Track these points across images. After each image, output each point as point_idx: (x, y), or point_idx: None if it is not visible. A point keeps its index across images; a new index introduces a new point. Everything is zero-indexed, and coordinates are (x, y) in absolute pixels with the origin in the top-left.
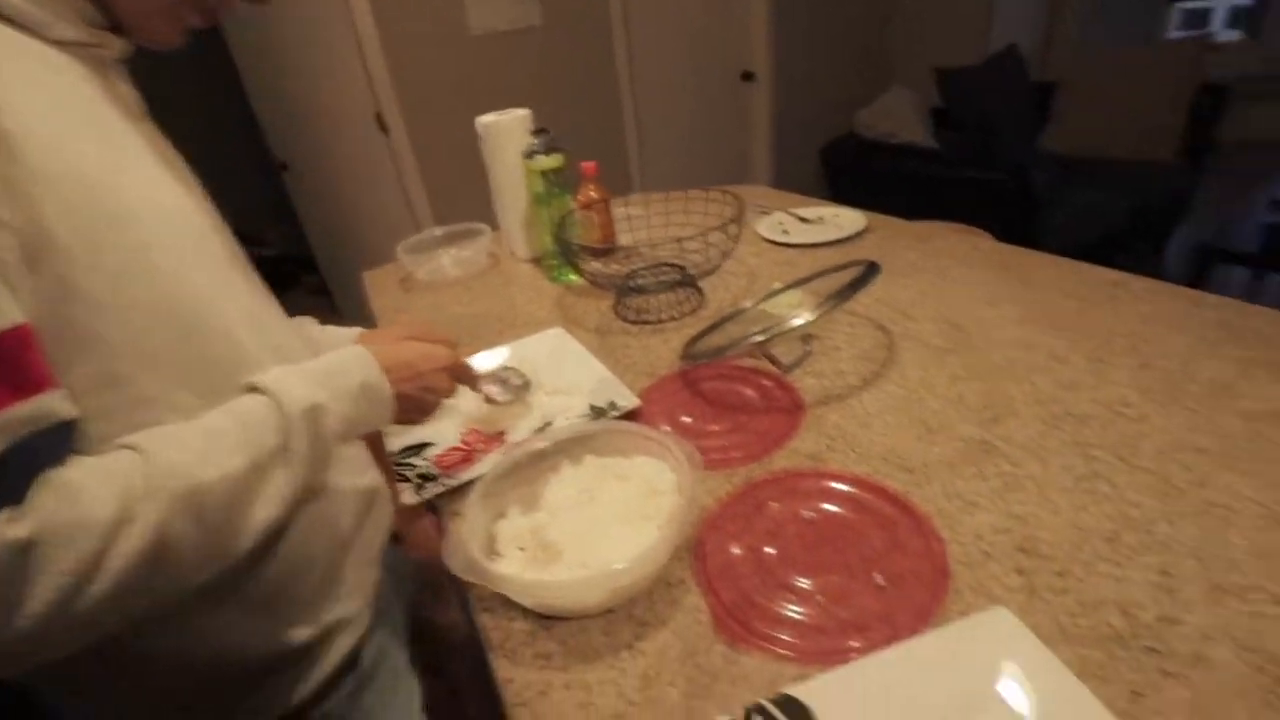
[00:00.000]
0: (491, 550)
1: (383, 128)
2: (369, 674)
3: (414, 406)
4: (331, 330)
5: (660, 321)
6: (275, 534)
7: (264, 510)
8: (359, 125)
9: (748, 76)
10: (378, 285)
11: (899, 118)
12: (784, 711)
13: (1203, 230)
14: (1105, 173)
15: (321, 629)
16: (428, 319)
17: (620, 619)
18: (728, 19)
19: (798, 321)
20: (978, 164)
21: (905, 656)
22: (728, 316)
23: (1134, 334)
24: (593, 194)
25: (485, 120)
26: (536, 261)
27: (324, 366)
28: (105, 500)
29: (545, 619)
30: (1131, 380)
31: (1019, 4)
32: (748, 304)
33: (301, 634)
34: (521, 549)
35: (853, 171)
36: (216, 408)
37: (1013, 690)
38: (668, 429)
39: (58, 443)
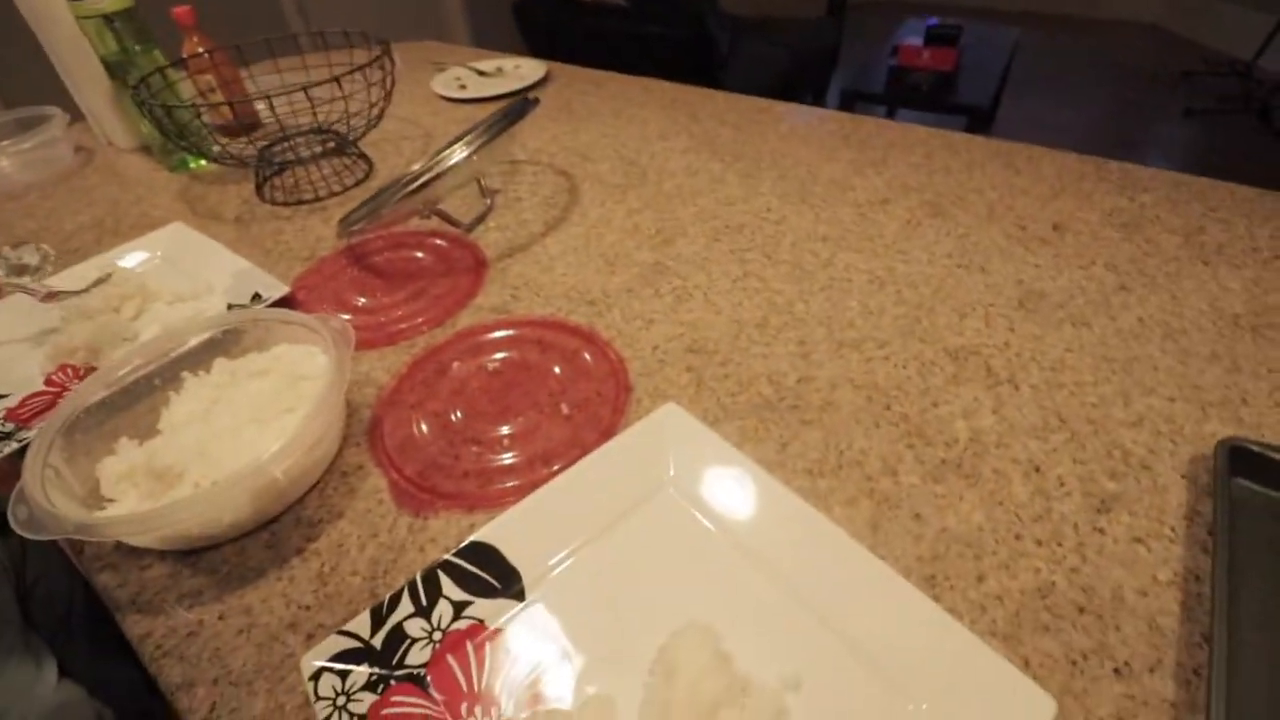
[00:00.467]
0: (96, 498)
1: None
2: None
3: None
4: None
5: (319, 199)
6: None
7: None
8: None
9: None
10: None
11: None
12: (470, 558)
13: (849, 78)
14: (771, 30)
15: None
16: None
17: (287, 526)
18: None
19: (451, 162)
20: (662, 21)
21: (584, 471)
22: (390, 183)
23: (775, 151)
24: (196, 46)
25: None
26: (147, 151)
27: None
28: None
29: (187, 555)
30: (772, 189)
31: None
32: (417, 166)
33: None
34: (135, 485)
35: (546, 30)
36: None
37: (682, 467)
38: (345, 322)
39: None
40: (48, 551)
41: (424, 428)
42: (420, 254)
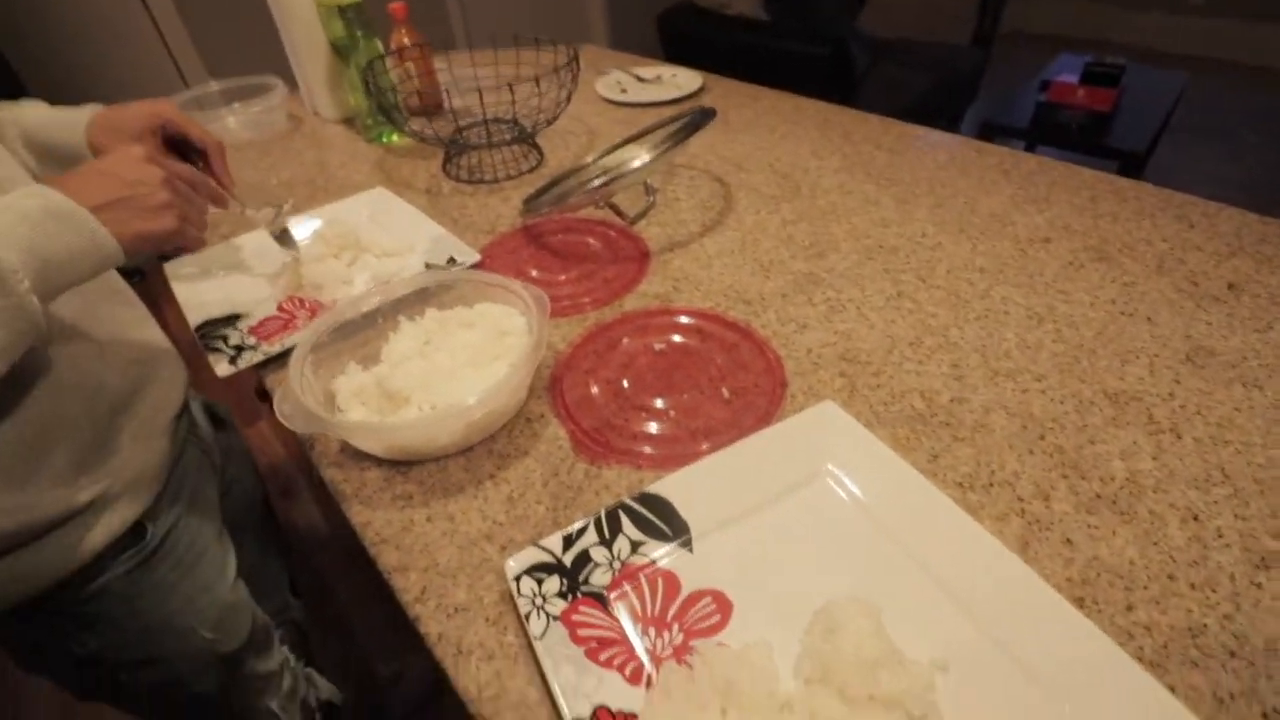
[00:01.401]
0: (332, 407)
1: None
2: (161, 548)
3: (139, 208)
4: (58, 113)
5: (497, 180)
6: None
7: None
8: None
9: None
10: None
11: None
12: (645, 505)
13: (988, 108)
14: (910, 52)
15: (90, 498)
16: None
17: (480, 455)
18: None
19: (636, 164)
20: (803, 38)
21: (749, 447)
22: (568, 172)
23: (931, 178)
24: (406, 40)
25: None
26: (349, 123)
27: None
28: None
29: (399, 465)
30: (929, 216)
31: None
32: (589, 159)
33: (58, 504)
34: (364, 403)
35: (688, 40)
36: None
37: (840, 460)
38: (543, 296)
39: None
40: (243, 456)
41: (597, 391)
42: (590, 240)
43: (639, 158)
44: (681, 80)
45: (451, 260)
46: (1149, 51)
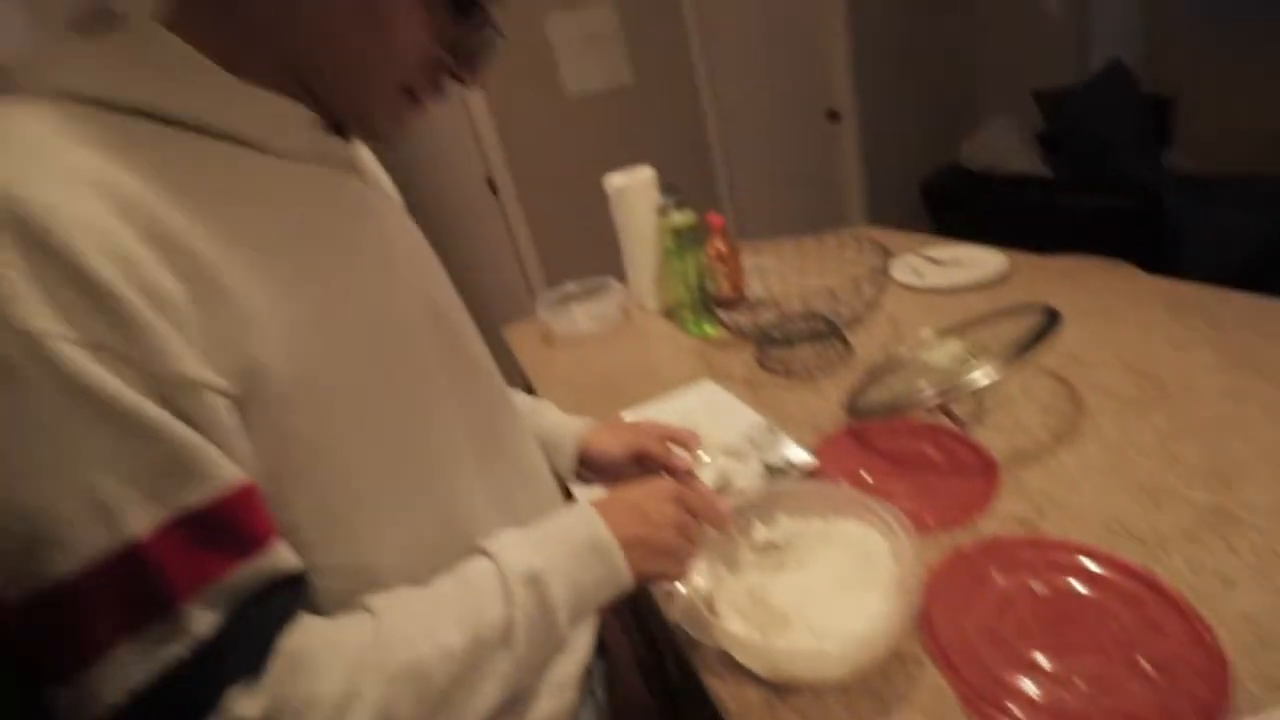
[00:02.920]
0: (710, 611)
1: (493, 189)
2: None
3: (652, 549)
4: (557, 428)
5: (810, 374)
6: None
7: (483, 696)
8: (469, 188)
9: (833, 116)
10: (519, 341)
11: (1004, 147)
12: None
13: None
14: (1244, 190)
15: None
16: (582, 379)
17: (858, 693)
18: (810, 60)
19: (984, 381)
20: (1099, 190)
21: None
22: (884, 368)
23: None
24: (720, 246)
25: (615, 182)
26: (668, 314)
27: (546, 527)
28: (335, 674)
29: (777, 688)
30: None
31: (1114, 17)
32: (903, 353)
33: None
34: (741, 612)
35: (960, 205)
36: (444, 571)
37: None
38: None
39: (289, 599)
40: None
41: (975, 635)
42: (925, 446)
43: (982, 371)
44: (980, 260)
45: (788, 462)
46: None
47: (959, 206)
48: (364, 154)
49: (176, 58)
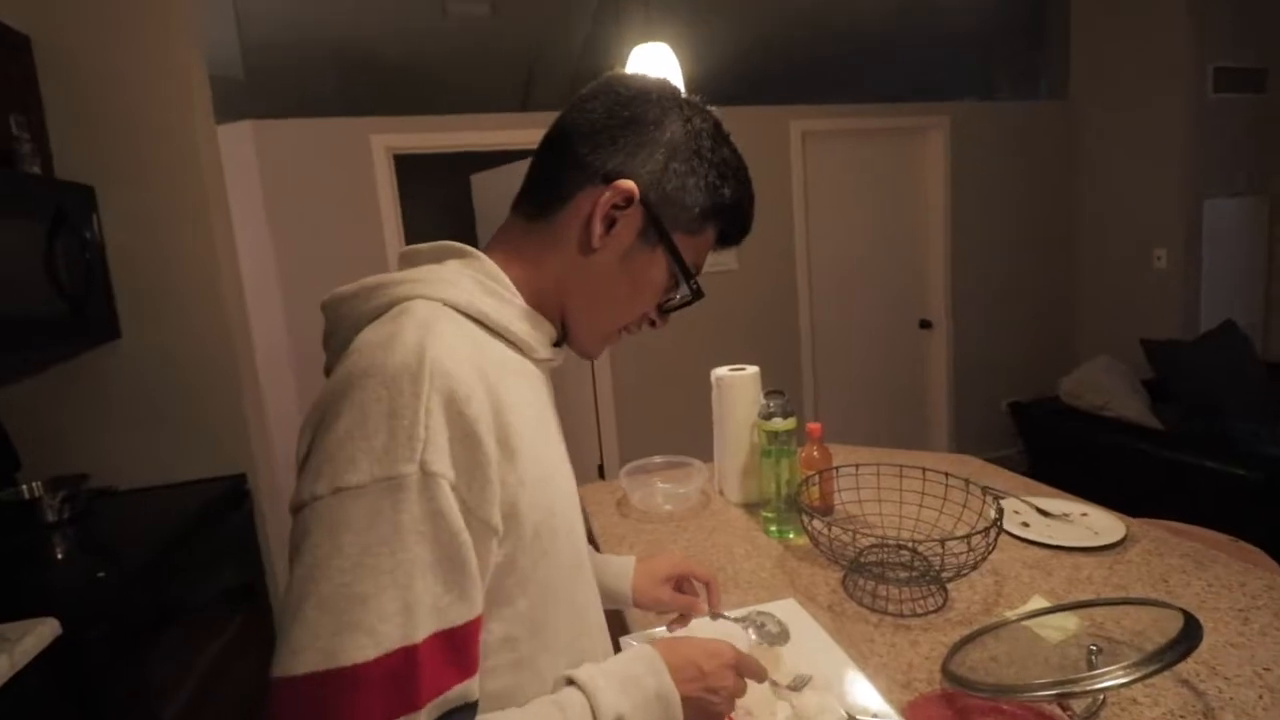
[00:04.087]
0: None
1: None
2: None
3: (706, 712)
4: (609, 558)
5: (901, 615)
6: None
7: None
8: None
9: (925, 325)
10: (594, 503)
11: (1108, 389)
12: None
13: None
14: None
15: None
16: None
17: None
18: (907, 269)
19: (1114, 683)
20: (1214, 452)
21: None
22: (987, 629)
23: None
24: (816, 454)
25: (721, 374)
26: (747, 507)
27: (624, 670)
28: None
29: None
30: None
31: (1227, 281)
32: (1010, 616)
33: None
34: None
35: (1054, 436)
36: (544, 696)
37: None
38: None
39: (467, 718)
40: None
41: None
42: None
43: (1109, 672)
44: (1097, 524)
45: (873, 716)
46: None
47: (1053, 437)
48: None
49: (501, 285)
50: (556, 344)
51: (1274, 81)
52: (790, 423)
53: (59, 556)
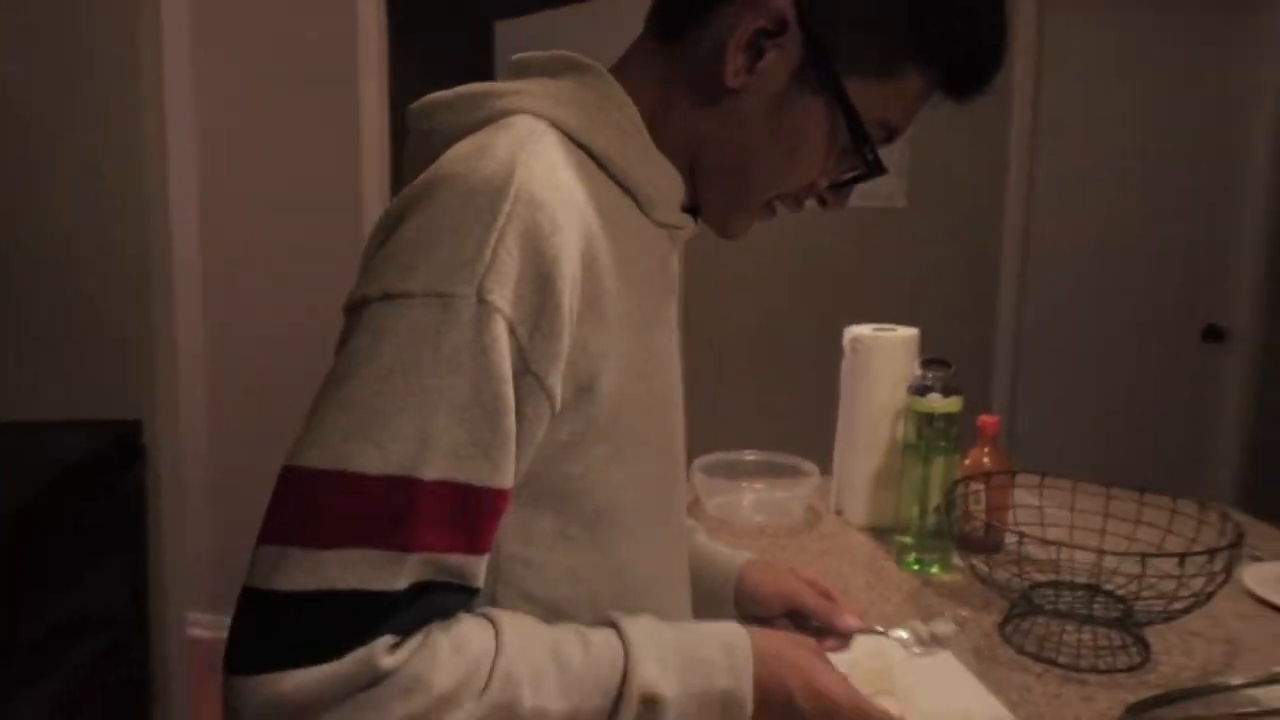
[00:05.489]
0: None
1: None
2: None
3: None
4: (715, 548)
5: (1078, 669)
6: None
7: None
8: None
9: (1213, 334)
10: None
11: None
12: None
13: None
14: None
15: None
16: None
17: None
18: (1193, 237)
19: None
20: None
21: None
22: (1191, 691)
23: None
24: (987, 460)
25: (860, 334)
26: (875, 532)
27: (692, 650)
28: (451, 675)
29: None
30: None
31: None
32: (1230, 683)
33: None
34: None
35: None
36: (579, 626)
37: None
38: None
39: (460, 600)
40: None
41: None
42: None
43: None
44: None
45: None
46: None
47: None
48: None
49: (626, 116)
50: (689, 211)
51: None
52: (954, 403)
53: None
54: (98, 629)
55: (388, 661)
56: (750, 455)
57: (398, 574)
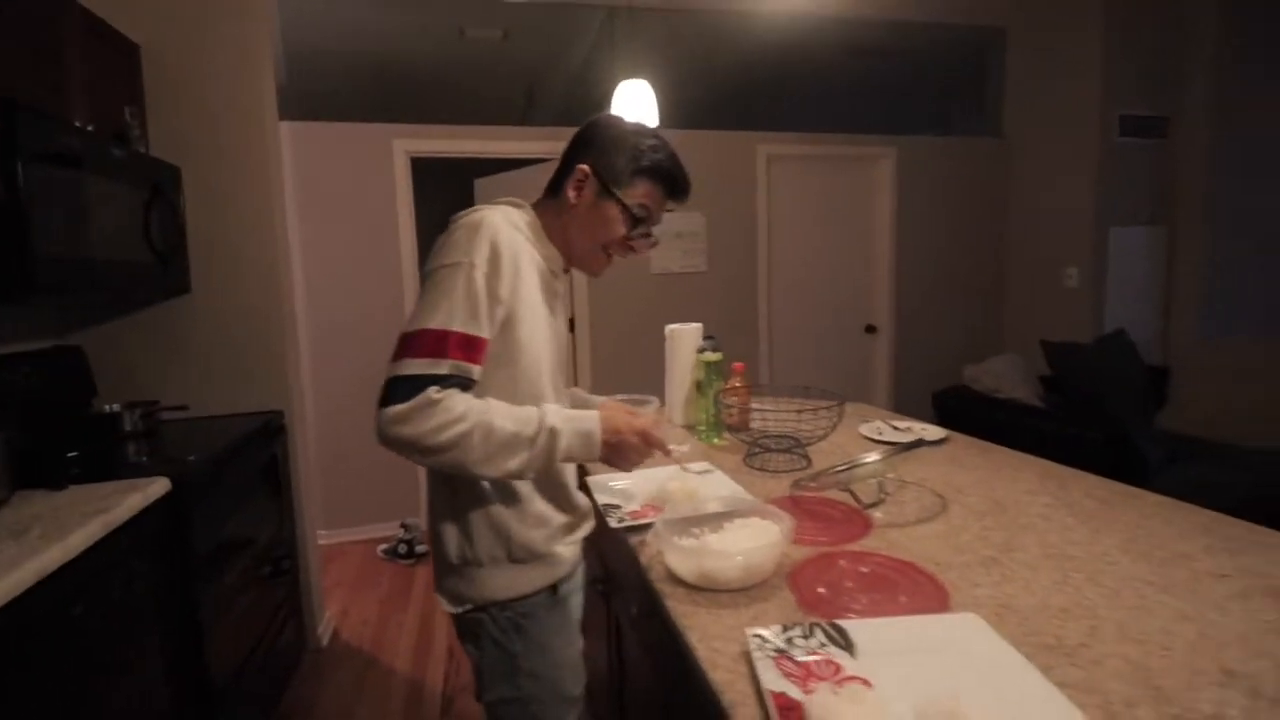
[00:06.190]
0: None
1: (570, 328)
2: (560, 602)
3: (614, 455)
4: (591, 398)
5: (777, 472)
6: (551, 493)
7: (506, 461)
8: None
9: (871, 329)
10: None
11: (1005, 377)
12: (832, 632)
13: None
14: (1214, 450)
15: (548, 552)
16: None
17: (742, 595)
18: (856, 280)
19: (866, 460)
20: (1079, 423)
21: (909, 624)
22: (825, 470)
23: (1133, 523)
24: (738, 384)
25: (673, 327)
26: (689, 428)
27: (575, 414)
28: (462, 405)
29: (698, 590)
30: (1117, 544)
31: (1129, 297)
32: (839, 465)
33: (540, 546)
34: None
35: (961, 417)
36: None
37: (972, 651)
38: (789, 519)
39: (467, 384)
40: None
41: (817, 582)
42: (832, 511)
43: (870, 457)
44: (928, 432)
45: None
46: None
47: (960, 418)
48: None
49: (537, 228)
50: (566, 270)
51: (1173, 128)
52: (719, 355)
53: (144, 454)
54: (260, 540)
55: (435, 395)
56: (621, 396)
57: (439, 366)
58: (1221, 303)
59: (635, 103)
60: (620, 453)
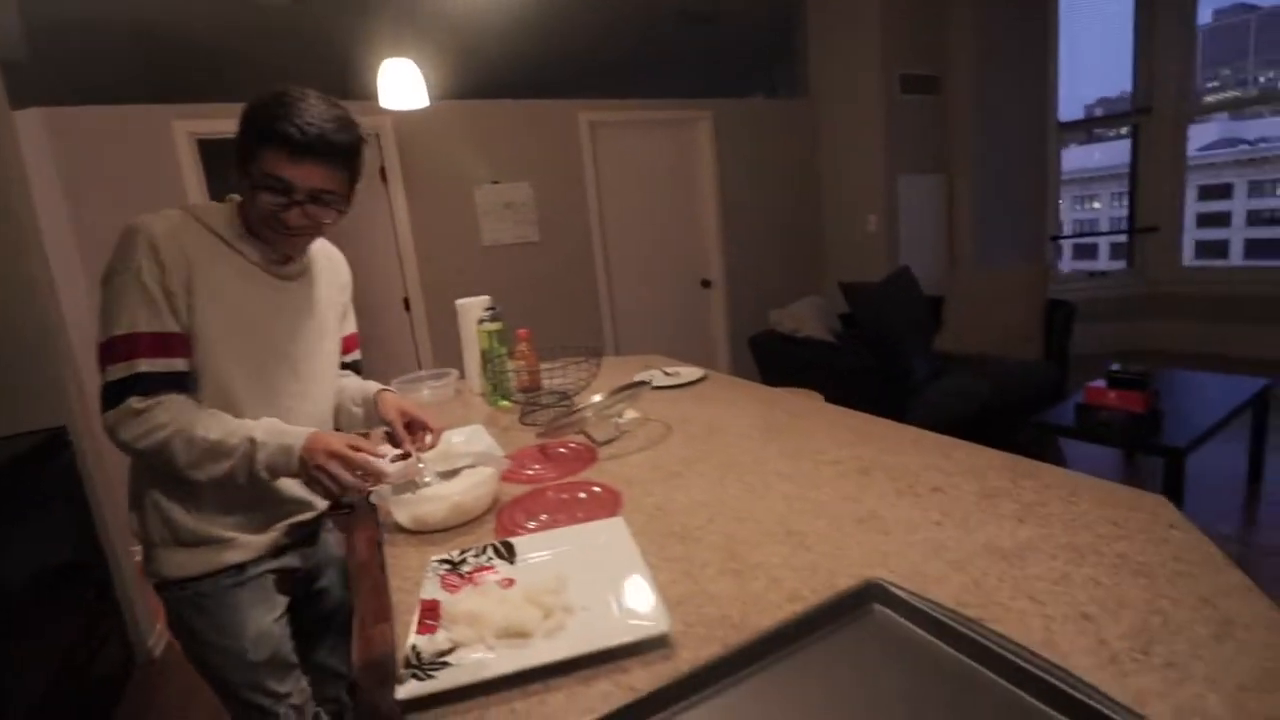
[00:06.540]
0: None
1: (406, 307)
2: (246, 581)
3: (314, 475)
4: (370, 385)
5: (542, 427)
6: (237, 487)
7: (213, 467)
8: (388, 305)
9: (706, 284)
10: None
11: (805, 319)
12: (500, 548)
13: (1054, 416)
14: (974, 364)
15: (223, 537)
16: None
17: (452, 536)
18: (689, 237)
19: (589, 403)
20: (862, 355)
21: (566, 533)
22: (575, 409)
23: (805, 431)
24: (524, 350)
25: (461, 301)
26: (483, 395)
27: (284, 429)
28: (167, 413)
29: (417, 534)
30: (779, 451)
31: (917, 238)
32: (593, 400)
33: (224, 532)
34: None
35: (772, 357)
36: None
37: (600, 545)
38: (508, 460)
39: (178, 379)
40: (340, 574)
41: (520, 512)
42: (562, 450)
43: (591, 404)
44: (687, 374)
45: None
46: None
47: (771, 359)
48: (315, 271)
49: (236, 221)
50: (281, 262)
51: (945, 85)
52: (497, 325)
53: None
54: (55, 561)
55: (138, 405)
56: (424, 372)
57: (136, 367)
58: (988, 240)
59: (398, 81)
60: (318, 474)
